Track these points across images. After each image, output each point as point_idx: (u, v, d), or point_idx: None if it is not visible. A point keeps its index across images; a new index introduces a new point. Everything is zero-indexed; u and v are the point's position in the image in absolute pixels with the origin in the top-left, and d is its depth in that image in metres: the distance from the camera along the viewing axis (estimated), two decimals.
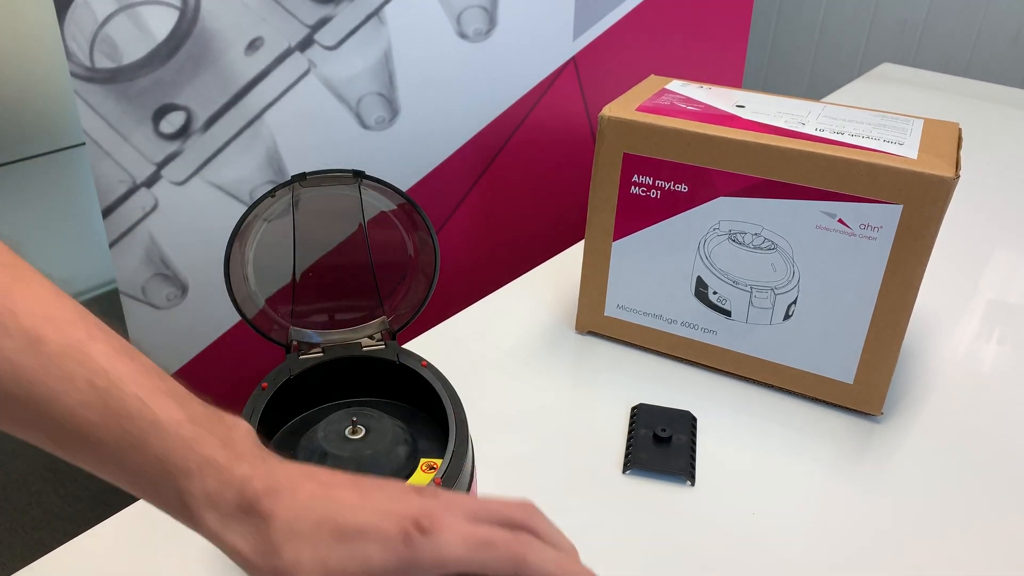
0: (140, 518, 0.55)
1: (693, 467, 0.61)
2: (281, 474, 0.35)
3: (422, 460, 0.53)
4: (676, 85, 0.74)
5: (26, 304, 0.33)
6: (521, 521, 0.36)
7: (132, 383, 0.34)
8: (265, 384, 0.54)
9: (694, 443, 0.63)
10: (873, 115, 0.68)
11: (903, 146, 0.61)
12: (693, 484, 0.60)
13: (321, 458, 0.50)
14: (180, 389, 0.35)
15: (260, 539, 0.33)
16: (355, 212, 0.59)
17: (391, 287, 0.61)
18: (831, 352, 0.66)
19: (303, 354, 0.57)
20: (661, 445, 0.62)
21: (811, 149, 0.61)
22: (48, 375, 0.32)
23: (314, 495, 0.34)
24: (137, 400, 0.33)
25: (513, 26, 1.06)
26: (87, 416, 0.33)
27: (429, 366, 0.57)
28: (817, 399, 0.69)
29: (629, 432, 0.64)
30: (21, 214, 2.49)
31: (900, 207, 0.59)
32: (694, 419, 0.66)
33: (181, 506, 0.34)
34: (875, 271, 0.62)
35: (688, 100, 0.70)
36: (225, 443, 0.34)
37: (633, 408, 0.67)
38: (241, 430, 0.36)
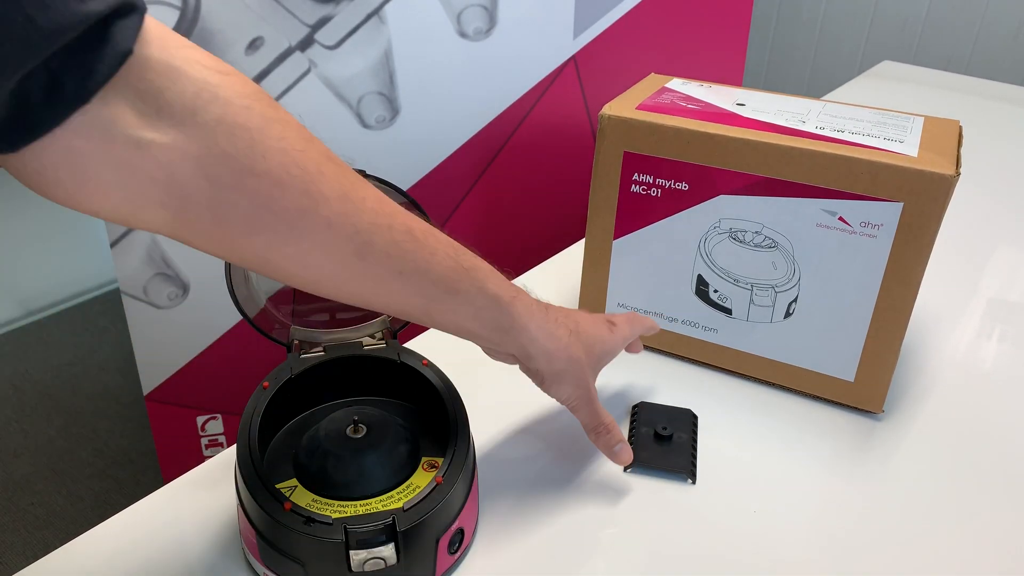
0: (142, 518, 0.55)
1: (694, 465, 0.61)
2: (560, 308, 0.55)
3: (423, 458, 0.53)
4: (676, 83, 0.74)
5: (383, 206, 0.43)
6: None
7: (464, 252, 0.48)
8: (267, 383, 0.54)
9: (695, 441, 0.64)
10: (873, 113, 0.68)
11: (903, 144, 0.61)
12: (694, 482, 0.60)
13: (322, 457, 0.51)
14: None
15: (559, 337, 0.53)
16: None
17: None
18: (832, 350, 0.66)
19: (304, 353, 0.57)
20: (662, 443, 0.63)
21: (811, 147, 0.61)
22: (423, 251, 0.44)
23: (579, 315, 0.57)
24: (472, 259, 0.48)
25: (513, 25, 1.06)
26: (451, 275, 0.46)
27: (430, 365, 0.57)
28: (818, 397, 0.69)
29: (630, 430, 0.64)
30: (24, 214, 2.49)
31: (900, 205, 0.59)
32: (695, 417, 0.66)
33: (512, 323, 0.50)
34: (876, 269, 0.62)
35: (688, 98, 0.70)
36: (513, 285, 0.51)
37: (634, 406, 0.67)
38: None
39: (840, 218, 0.61)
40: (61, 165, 0.34)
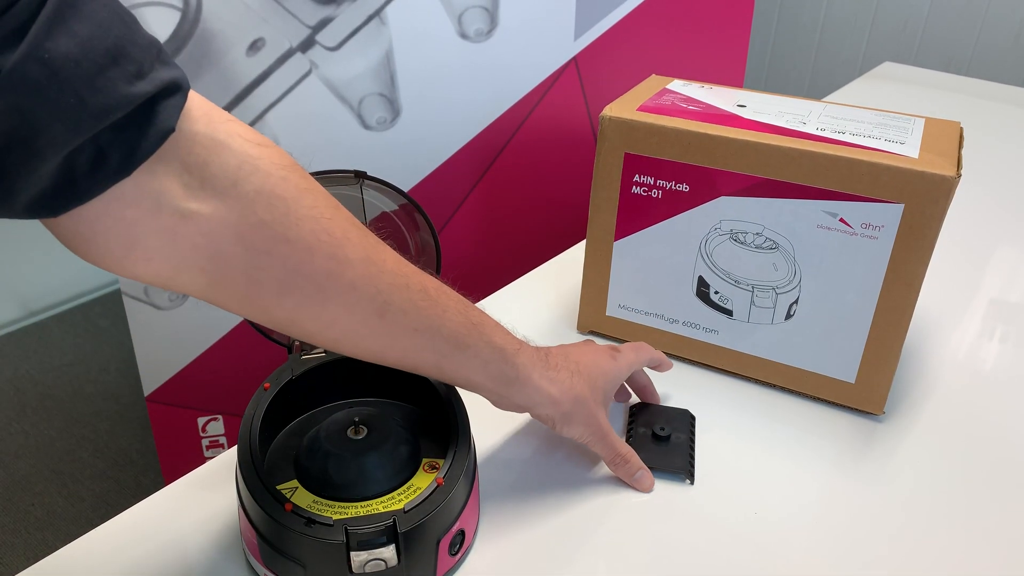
0: (143, 519, 0.55)
1: (692, 465, 0.61)
2: (558, 349, 0.57)
3: (424, 460, 0.53)
4: (677, 85, 0.74)
5: (400, 267, 0.45)
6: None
7: (472, 308, 0.49)
8: (267, 384, 0.54)
9: (693, 441, 0.64)
10: (874, 114, 0.68)
11: (904, 145, 0.61)
12: (692, 483, 0.60)
13: (323, 458, 0.50)
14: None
15: (562, 381, 0.54)
16: (357, 212, 0.59)
17: None
18: (833, 351, 0.66)
19: (305, 354, 0.57)
20: (660, 443, 0.62)
21: (812, 148, 0.61)
22: (436, 308, 0.46)
23: (578, 353, 0.58)
24: (480, 314, 0.50)
25: (514, 26, 1.06)
26: (462, 331, 0.48)
27: None
28: (819, 398, 0.69)
29: (627, 430, 0.64)
30: None
31: (902, 206, 0.59)
32: (692, 417, 0.66)
33: (516, 374, 0.51)
34: (877, 270, 0.62)
35: (689, 100, 0.70)
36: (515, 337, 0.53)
37: (632, 407, 0.67)
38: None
39: (841, 219, 0.61)
40: (112, 233, 0.36)
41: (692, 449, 0.63)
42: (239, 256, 0.39)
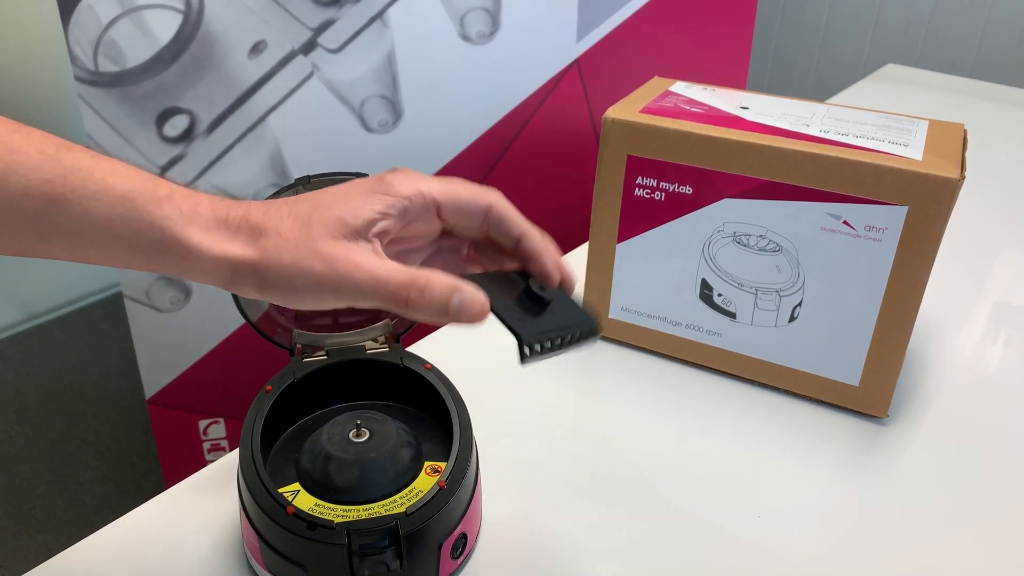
0: (144, 523, 0.55)
1: (545, 347, 0.41)
2: (246, 203, 0.39)
3: (426, 463, 0.53)
4: (680, 87, 0.74)
5: None
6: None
7: (76, 147, 0.35)
8: (269, 387, 0.54)
9: (567, 342, 0.42)
10: (878, 116, 0.68)
11: (908, 147, 0.61)
12: (523, 362, 0.40)
13: (325, 461, 0.50)
14: None
15: (248, 237, 0.37)
16: None
17: None
18: (836, 354, 0.66)
19: (307, 357, 0.57)
20: (534, 305, 0.43)
21: (816, 151, 0.60)
22: None
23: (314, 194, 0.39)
24: (87, 155, 0.35)
25: (516, 28, 1.06)
26: (45, 178, 0.34)
27: (433, 369, 0.57)
28: (822, 401, 0.69)
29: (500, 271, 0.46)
30: None
31: (905, 208, 0.59)
32: (592, 333, 0.44)
33: (167, 240, 0.35)
34: (880, 273, 0.61)
35: (692, 102, 0.70)
36: (180, 184, 0.38)
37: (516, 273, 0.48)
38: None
39: (844, 221, 0.61)
40: None
41: (567, 342, 0.42)
42: None
